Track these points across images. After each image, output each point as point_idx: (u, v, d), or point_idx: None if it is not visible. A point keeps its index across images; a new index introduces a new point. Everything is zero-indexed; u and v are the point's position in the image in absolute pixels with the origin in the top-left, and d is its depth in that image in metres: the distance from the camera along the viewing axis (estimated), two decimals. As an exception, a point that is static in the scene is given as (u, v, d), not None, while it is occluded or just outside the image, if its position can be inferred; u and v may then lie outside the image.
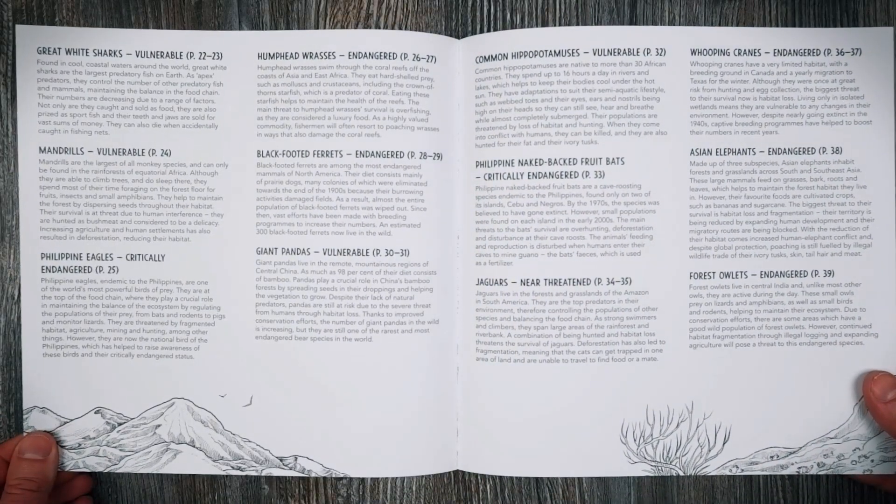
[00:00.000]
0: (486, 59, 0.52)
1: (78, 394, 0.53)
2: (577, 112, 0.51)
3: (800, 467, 0.52)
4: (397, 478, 0.55)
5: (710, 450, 0.52)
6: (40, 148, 0.53)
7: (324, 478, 0.55)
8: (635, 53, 0.52)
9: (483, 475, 0.55)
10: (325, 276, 0.52)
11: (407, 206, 0.52)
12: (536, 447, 0.52)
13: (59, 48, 0.53)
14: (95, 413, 0.53)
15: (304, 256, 0.52)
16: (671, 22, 0.53)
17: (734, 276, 0.52)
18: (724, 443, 0.52)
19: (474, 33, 0.54)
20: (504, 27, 0.54)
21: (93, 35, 0.53)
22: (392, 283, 0.52)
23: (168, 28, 0.54)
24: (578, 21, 0.53)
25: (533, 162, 0.52)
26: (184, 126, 0.53)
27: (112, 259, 0.53)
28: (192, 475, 0.55)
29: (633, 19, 0.53)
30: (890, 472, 0.52)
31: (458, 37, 0.54)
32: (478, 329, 0.53)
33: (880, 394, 0.49)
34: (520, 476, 0.54)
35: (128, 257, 0.53)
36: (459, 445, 0.53)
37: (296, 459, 0.53)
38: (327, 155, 0.52)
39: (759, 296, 0.52)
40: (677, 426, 0.52)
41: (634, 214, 0.52)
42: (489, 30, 0.54)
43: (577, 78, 0.52)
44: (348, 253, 0.52)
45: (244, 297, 0.53)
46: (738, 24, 0.53)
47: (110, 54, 0.53)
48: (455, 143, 0.53)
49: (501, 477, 0.55)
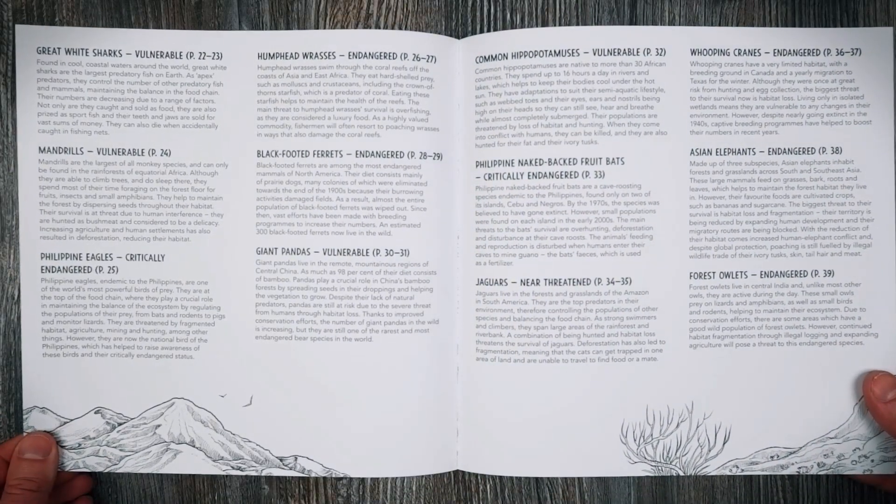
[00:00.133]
0: (486, 59, 0.52)
1: (78, 394, 0.53)
2: (577, 112, 0.51)
3: (800, 467, 0.52)
4: (397, 478, 0.55)
5: (710, 450, 0.52)
6: (40, 148, 0.53)
7: (324, 478, 0.55)
8: (635, 53, 0.52)
9: (483, 475, 0.55)
10: (325, 276, 0.52)
11: (407, 206, 0.52)
12: (536, 447, 0.52)
13: (59, 48, 0.53)
14: (95, 413, 0.53)
15: (304, 256, 0.52)
16: (671, 22, 0.53)
17: (734, 276, 0.52)
18: (724, 443, 0.52)
19: (474, 33, 0.54)
20: (504, 27, 0.54)
21: (92, 35, 0.53)
22: (392, 283, 0.52)
23: (168, 28, 0.54)
24: (578, 21, 0.53)
25: (533, 162, 0.52)
26: (184, 126, 0.53)
27: (112, 259, 0.53)
28: (192, 475, 0.55)
29: (633, 19, 0.53)
30: (890, 472, 0.52)
31: (458, 37, 0.54)
32: (478, 329, 0.53)
33: (880, 393, 0.49)
34: (520, 476, 0.54)
35: (128, 257, 0.53)
36: (459, 445, 0.53)
37: (296, 459, 0.53)
38: (327, 155, 0.52)
39: (759, 296, 0.52)
40: (677, 426, 0.52)
41: (634, 214, 0.52)
42: (489, 30, 0.54)
43: (577, 78, 0.52)
44: (348, 253, 0.52)
45: (244, 297, 0.53)
46: (738, 24, 0.53)
47: (110, 54, 0.53)
48: (455, 143, 0.53)
49: (501, 477, 0.55)
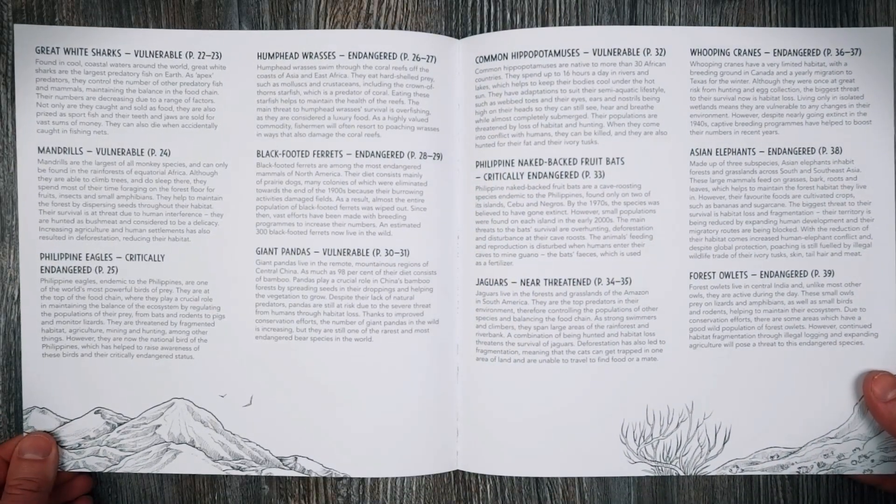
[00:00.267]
0: (486, 59, 0.52)
1: (78, 394, 0.53)
2: (577, 112, 0.51)
3: (800, 467, 0.52)
4: (397, 478, 0.55)
5: (710, 450, 0.52)
6: (39, 148, 0.52)
7: (324, 478, 0.55)
8: (635, 53, 0.52)
9: (483, 475, 0.55)
10: (325, 276, 0.52)
11: (407, 206, 0.52)
12: (536, 447, 0.52)
13: (58, 48, 0.52)
14: (95, 413, 0.53)
15: (304, 256, 0.52)
16: (671, 22, 0.53)
17: (734, 276, 0.52)
18: (724, 443, 0.52)
19: (474, 33, 0.54)
20: (504, 27, 0.54)
21: (91, 34, 0.53)
22: (392, 283, 0.52)
23: (168, 28, 0.54)
24: (578, 21, 0.53)
25: (533, 162, 0.52)
26: (183, 126, 0.53)
27: (111, 259, 0.53)
28: (192, 475, 0.55)
29: (633, 19, 0.53)
30: (890, 472, 0.52)
31: (458, 37, 0.54)
32: (478, 329, 0.53)
33: (880, 393, 0.49)
34: (520, 476, 0.54)
35: (127, 257, 0.53)
36: (459, 445, 0.53)
37: (296, 459, 0.53)
38: (327, 155, 0.52)
39: (759, 296, 0.52)
40: (677, 426, 0.52)
41: (634, 214, 0.52)
42: (489, 30, 0.54)
43: (577, 78, 0.51)
44: (348, 253, 0.52)
45: (244, 297, 0.53)
46: (738, 24, 0.53)
47: (109, 54, 0.53)
48: (455, 143, 0.53)
49: (501, 477, 0.55)
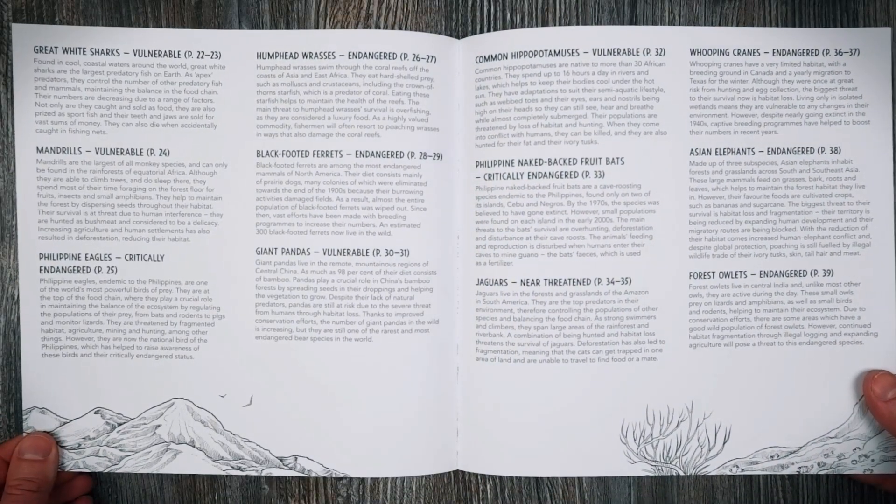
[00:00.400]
0: (486, 59, 0.52)
1: (77, 394, 0.53)
2: (577, 112, 0.51)
3: (800, 467, 0.52)
4: (397, 478, 0.55)
5: (710, 449, 0.52)
6: (38, 148, 0.52)
7: (324, 478, 0.55)
8: (635, 53, 0.52)
9: (483, 475, 0.55)
10: (325, 276, 0.52)
11: (407, 206, 0.52)
12: (536, 447, 0.52)
13: (56, 47, 0.52)
14: (95, 413, 0.53)
15: (304, 256, 0.52)
16: (671, 22, 0.53)
17: (734, 276, 0.52)
18: (724, 442, 0.52)
19: (474, 33, 0.54)
20: (504, 27, 0.54)
21: (90, 34, 0.53)
22: (392, 283, 0.52)
23: (168, 28, 0.53)
24: (578, 21, 0.53)
25: (533, 162, 0.52)
26: (182, 126, 0.53)
27: (111, 259, 0.53)
28: (192, 475, 0.55)
29: (633, 19, 0.53)
30: (890, 472, 0.52)
31: (458, 37, 0.54)
32: (478, 329, 0.53)
33: (881, 392, 0.50)
34: (520, 476, 0.54)
35: (127, 257, 0.53)
36: (459, 445, 0.53)
37: (296, 459, 0.53)
38: (327, 155, 0.52)
39: (759, 295, 0.52)
40: (677, 426, 0.52)
41: (634, 214, 0.52)
42: (489, 30, 0.54)
43: (577, 78, 0.52)
44: (348, 253, 0.52)
45: (244, 297, 0.53)
46: (738, 24, 0.53)
47: (108, 53, 0.53)
48: (455, 143, 0.53)
49: (501, 477, 0.55)
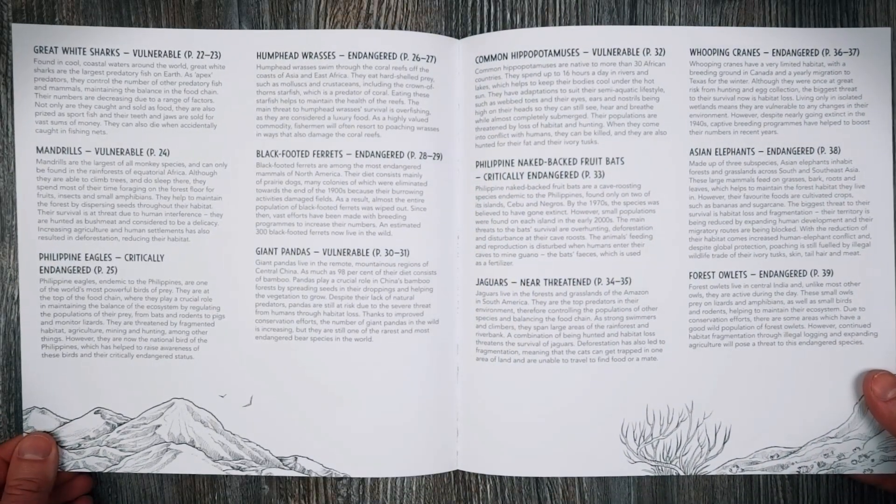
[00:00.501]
0: (486, 59, 0.52)
1: (77, 394, 0.53)
2: (577, 112, 0.51)
3: (800, 467, 0.52)
4: (397, 478, 0.55)
5: (710, 449, 0.52)
6: (38, 148, 0.52)
7: (324, 478, 0.55)
8: (635, 53, 0.52)
9: (483, 475, 0.55)
10: (325, 276, 0.52)
11: (407, 206, 0.52)
12: (536, 447, 0.52)
13: (56, 47, 0.52)
14: (95, 413, 0.53)
15: (304, 256, 0.52)
16: (671, 22, 0.53)
17: (734, 276, 0.52)
18: (724, 442, 0.52)
19: (474, 33, 0.54)
20: (504, 27, 0.54)
21: (90, 34, 0.53)
22: (392, 283, 0.52)
23: (168, 28, 0.53)
24: (578, 21, 0.53)
25: (533, 162, 0.52)
26: (182, 126, 0.53)
27: (111, 259, 0.53)
28: (192, 475, 0.55)
29: (633, 19, 0.53)
30: (890, 472, 0.52)
31: (458, 37, 0.54)
32: (478, 329, 0.53)
33: (881, 392, 0.50)
34: (520, 476, 0.54)
35: (127, 257, 0.53)
36: (459, 445, 0.53)
37: (296, 459, 0.53)
38: (327, 155, 0.52)
39: (759, 295, 0.52)
40: (677, 426, 0.52)
41: (634, 214, 0.52)
42: (489, 30, 0.54)
43: (577, 78, 0.52)
44: (348, 253, 0.52)
45: (244, 297, 0.53)
46: (738, 24, 0.53)
47: (107, 53, 0.53)
48: (455, 143, 0.53)
49: (501, 477, 0.55)
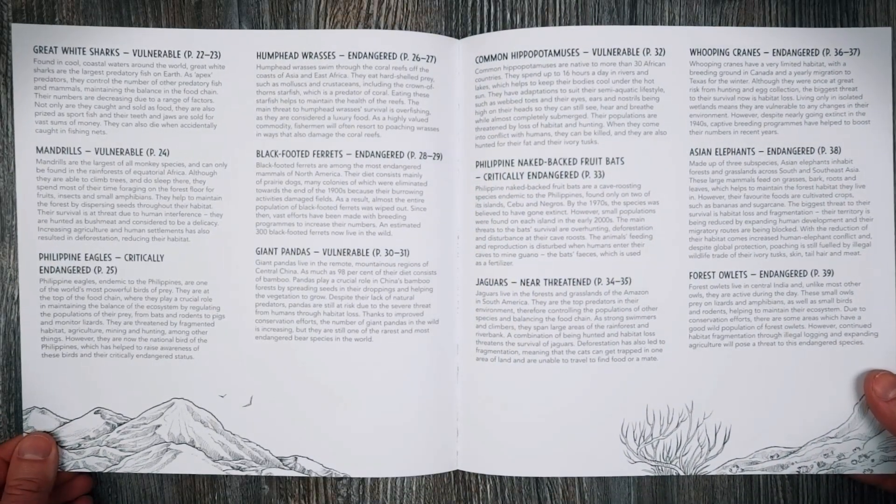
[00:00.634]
0: (486, 59, 0.52)
1: (77, 394, 0.53)
2: (577, 112, 0.51)
3: (800, 467, 0.52)
4: (397, 478, 0.55)
5: (710, 449, 0.52)
6: (37, 148, 0.52)
7: (324, 478, 0.55)
8: (635, 53, 0.52)
9: (483, 475, 0.55)
10: (325, 276, 0.52)
11: (407, 206, 0.52)
12: (536, 447, 0.52)
13: (56, 47, 0.52)
14: (95, 413, 0.53)
15: (304, 256, 0.52)
16: (671, 22, 0.53)
17: (734, 276, 0.52)
18: (724, 442, 0.52)
19: (474, 33, 0.54)
20: (504, 27, 0.54)
21: (90, 34, 0.53)
22: (392, 283, 0.52)
23: (168, 28, 0.53)
24: (578, 21, 0.53)
25: (533, 162, 0.52)
26: (182, 126, 0.53)
27: (111, 259, 0.53)
28: (192, 475, 0.55)
29: (633, 19, 0.53)
30: (890, 472, 0.52)
31: (458, 37, 0.54)
32: (478, 329, 0.53)
33: (882, 392, 0.50)
34: (520, 476, 0.54)
35: (126, 257, 0.53)
36: (459, 445, 0.53)
37: (296, 459, 0.53)
38: (327, 155, 0.52)
39: (759, 295, 0.52)
40: (677, 426, 0.52)
41: (634, 214, 0.52)
42: (489, 30, 0.54)
43: (577, 78, 0.51)
44: (348, 253, 0.52)
45: (244, 297, 0.53)
46: (738, 24, 0.53)
47: (107, 53, 0.53)
48: (455, 143, 0.53)
49: (501, 477, 0.55)
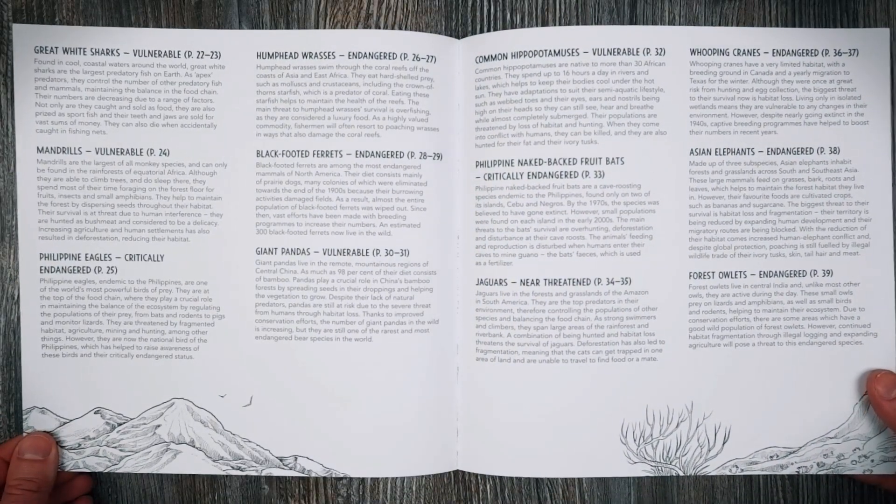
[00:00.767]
0: (486, 59, 0.52)
1: (77, 394, 0.53)
2: (577, 112, 0.51)
3: (800, 467, 0.52)
4: (397, 478, 0.55)
5: (710, 450, 0.52)
6: (38, 148, 0.52)
7: (324, 478, 0.55)
8: (635, 53, 0.52)
9: (483, 475, 0.55)
10: (325, 276, 0.52)
11: (407, 206, 0.52)
12: (536, 447, 0.52)
13: (57, 47, 0.52)
14: (95, 413, 0.53)
15: (304, 256, 0.52)
16: (671, 22, 0.53)
17: (733, 276, 0.52)
18: (724, 443, 0.52)
19: (474, 33, 0.54)
20: (504, 27, 0.54)
21: (90, 34, 0.53)
22: (392, 283, 0.52)
23: (168, 28, 0.53)
24: (578, 21, 0.53)
25: (533, 162, 0.52)
26: (182, 126, 0.53)
27: (111, 259, 0.53)
28: (192, 475, 0.55)
29: (633, 19, 0.53)
30: (890, 472, 0.52)
31: (458, 37, 0.54)
32: (478, 329, 0.53)
33: (884, 391, 0.50)
34: (520, 476, 0.54)
35: (127, 257, 0.53)
36: (459, 445, 0.53)
37: (296, 459, 0.53)
38: (327, 155, 0.52)
39: (759, 295, 0.52)
40: (677, 426, 0.52)
41: (634, 214, 0.52)
42: (489, 30, 0.54)
43: (577, 78, 0.52)
44: (348, 253, 0.52)
45: (244, 297, 0.53)
46: (738, 24, 0.53)
47: (108, 53, 0.53)
48: (455, 143, 0.53)
49: (501, 477, 0.55)
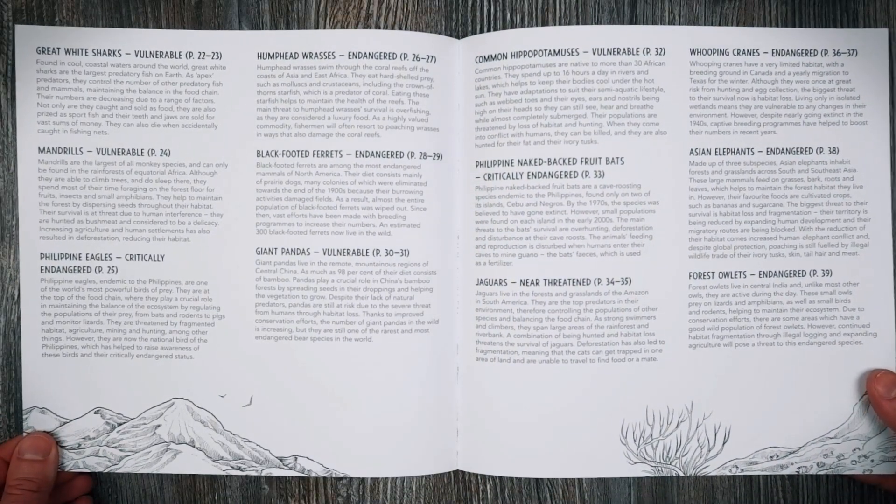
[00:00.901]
0: (486, 59, 0.52)
1: (77, 394, 0.53)
2: (577, 112, 0.52)
3: (799, 467, 0.52)
4: (397, 478, 0.55)
5: (710, 450, 0.52)
6: (39, 148, 0.53)
7: (324, 478, 0.55)
8: (635, 53, 0.52)
9: (483, 475, 0.55)
10: (325, 276, 0.52)
11: (407, 206, 0.52)
12: (536, 447, 0.52)
13: (59, 48, 0.53)
14: (95, 413, 0.53)
15: (304, 256, 0.52)
16: (671, 22, 0.53)
17: (733, 276, 0.52)
18: (724, 443, 0.52)
19: (474, 33, 0.54)
20: (504, 27, 0.54)
21: (92, 35, 0.53)
22: (392, 283, 0.52)
23: (168, 28, 0.54)
24: (578, 21, 0.54)
25: (533, 162, 0.52)
26: (183, 126, 0.53)
27: (111, 259, 0.53)
28: (192, 475, 0.55)
29: (633, 19, 0.54)
30: (890, 472, 0.52)
31: (458, 37, 0.54)
32: (478, 329, 0.53)
33: (884, 391, 0.50)
34: (520, 476, 0.54)
35: (127, 257, 0.53)
36: (459, 445, 0.53)
37: (296, 459, 0.53)
38: (327, 155, 0.52)
39: (758, 295, 0.52)
40: (677, 426, 0.52)
41: (634, 214, 0.52)
42: (489, 30, 0.54)
43: (577, 77, 0.52)
44: (348, 253, 0.52)
45: (244, 297, 0.53)
46: (738, 24, 0.53)
47: (109, 54, 0.53)
48: (455, 143, 0.53)
49: (501, 477, 0.55)
